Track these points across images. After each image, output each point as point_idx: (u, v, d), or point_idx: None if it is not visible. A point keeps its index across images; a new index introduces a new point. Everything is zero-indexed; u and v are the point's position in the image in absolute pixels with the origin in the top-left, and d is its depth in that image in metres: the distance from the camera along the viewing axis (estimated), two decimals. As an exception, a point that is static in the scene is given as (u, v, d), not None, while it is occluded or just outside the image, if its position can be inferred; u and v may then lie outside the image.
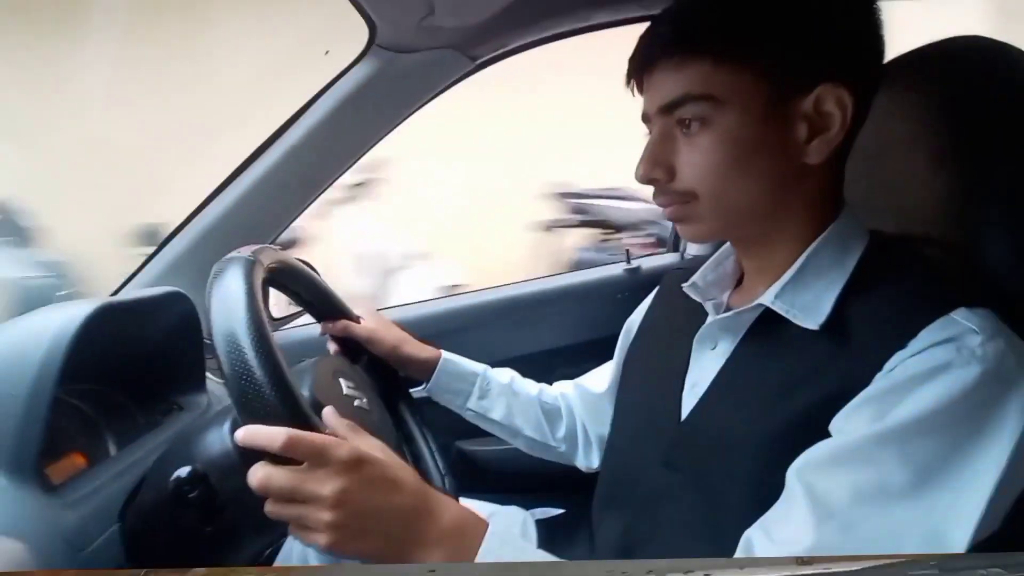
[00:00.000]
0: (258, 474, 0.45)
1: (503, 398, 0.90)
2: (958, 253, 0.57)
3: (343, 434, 0.49)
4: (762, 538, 0.48)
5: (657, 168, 0.57)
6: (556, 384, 0.97)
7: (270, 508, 0.47)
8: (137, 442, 0.73)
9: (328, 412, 0.51)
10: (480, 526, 0.51)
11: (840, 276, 0.54)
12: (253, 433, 0.45)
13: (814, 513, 0.45)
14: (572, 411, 0.94)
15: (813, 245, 0.56)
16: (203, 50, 3.40)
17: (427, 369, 0.88)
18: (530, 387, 0.94)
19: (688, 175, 0.56)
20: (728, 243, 0.69)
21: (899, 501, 0.44)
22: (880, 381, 0.47)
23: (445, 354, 0.90)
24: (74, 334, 0.58)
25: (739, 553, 0.49)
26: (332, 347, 0.85)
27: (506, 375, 0.93)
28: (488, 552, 0.48)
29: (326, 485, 0.45)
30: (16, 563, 0.44)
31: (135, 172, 3.31)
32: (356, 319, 0.84)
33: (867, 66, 0.55)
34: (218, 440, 0.58)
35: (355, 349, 0.85)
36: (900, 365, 0.47)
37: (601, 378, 0.91)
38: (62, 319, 0.59)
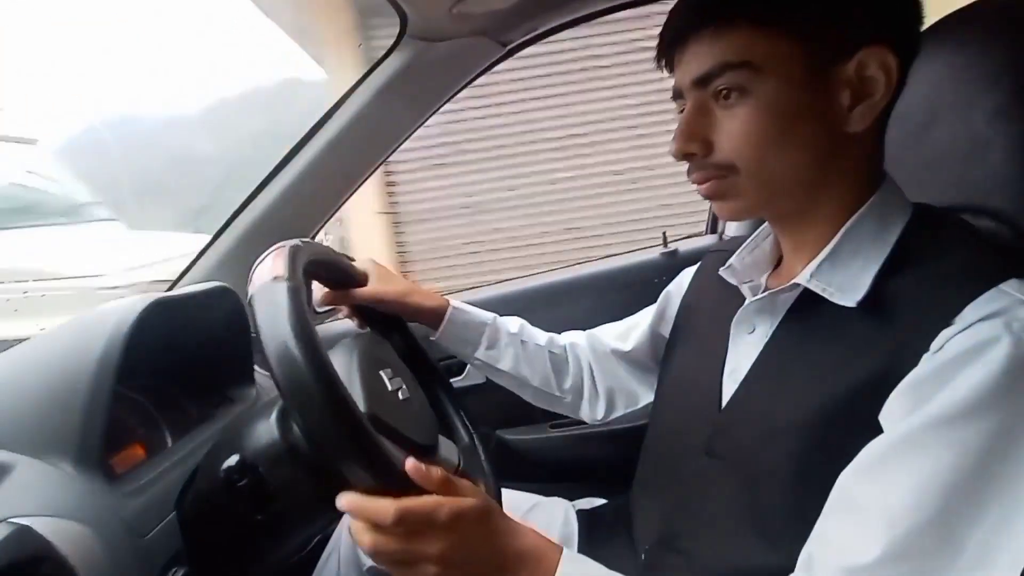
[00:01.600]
0: (366, 540, 0.48)
1: (511, 348, 0.90)
2: (1014, 224, 0.53)
3: (436, 486, 0.50)
4: (823, 551, 0.46)
5: (693, 142, 0.55)
6: (565, 334, 0.97)
7: (378, 562, 0.50)
8: (191, 433, 0.75)
9: (414, 468, 0.49)
10: (555, 553, 0.52)
11: (880, 252, 0.52)
12: (361, 507, 0.48)
13: (876, 518, 0.43)
14: (579, 362, 0.93)
15: (851, 220, 0.54)
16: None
17: (436, 318, 0.88)
18: (539, 336, 0.93)
19: (727, 147, 0.54)
20: (766, 223, 0.66)
21: (963, 494, 0.41)
22: (926, 363, 0.45)
23: (454, 302, 0.89)
24: (129, 329, 0.61)
25: (799, 569, 0.48)
26: (342, 315, 0.86)
27: (515, 324, 0.93)
28: (565, 575, 0.50)
29: (432, 545, 0.47)
30: (82, 547, 0.46)
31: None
32: (361, 278, 0.83)
33: (909, 27, 0.53)
34: (266, 431, 0.60)
35: (371, 315, 0.85)
36: (947, 344, 0.44)
37: (624, 335, 0.90)
38: (118, 315, 0.62)
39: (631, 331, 0.91)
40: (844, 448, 0.47)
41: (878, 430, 0.46)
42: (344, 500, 0.48)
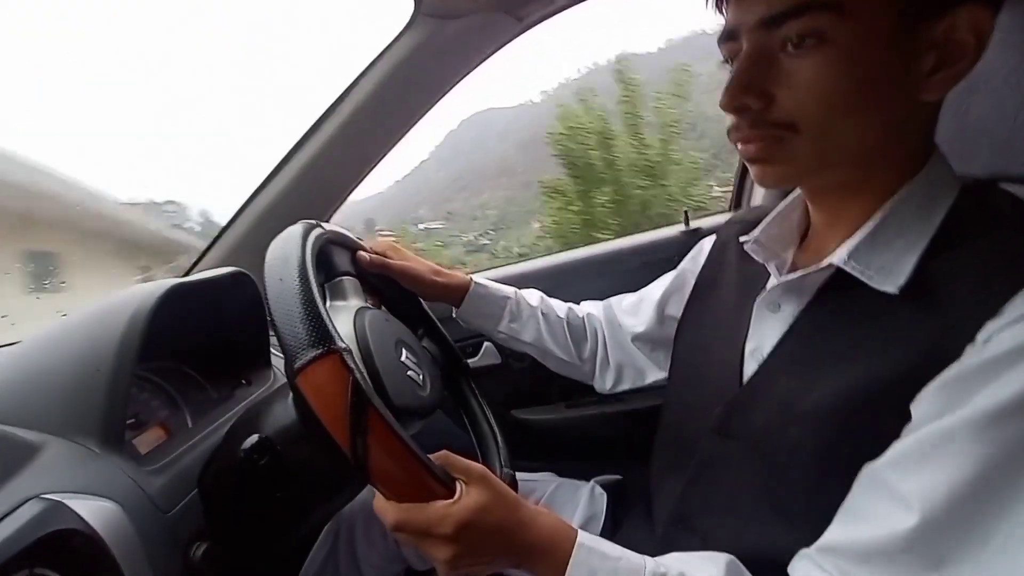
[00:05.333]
0: (388, 519, 0.50)
1: (533, 320, 0.92)
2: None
3: (442, 466, 0.52)
4: (847, 535, 0.45)
5: (750, 94, 0.49)
6: (584, 304, 0.98)
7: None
8: (211, 415, 0.77)
9: (443, 456, 0.53)
10: (567, 537, 0.52)
11: (924, 233, 0.48)
12: (376, 506, 0.51)
13: (911, 509, 0.41)
14: (596, 332, 0.94)
15: (895, 197, 0.50)
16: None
17: (458, 294, 0.89)
18: (558, 308, 0.95)
19: (790, 102, 0.48)
20: (796, 193, 0.63)
21: (998, 489, 0.38)
22: (971, 356, 0.41)
23: (475, 278, 0.91)
24: (148, 313, 0.62)
25: (818, 552, 0.46)
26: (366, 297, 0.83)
27: (535, 297, 0.94)
28: (578, 563, 0.50)
29: (439, 551, 0.49)
30: (112, 523, 0.48)
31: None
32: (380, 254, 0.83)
33: None
34: (284, 412, 0.61)
35: (383, 287, 0.85)
36: (995, 337, 0.40)
37: (635, 310, 0.90)
38: (138, 300, 0.63)
39: (640, 307, 0.90)
40: (870, 434, 0.45)
41: (908, 418, 0.44)
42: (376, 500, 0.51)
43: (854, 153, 0.49)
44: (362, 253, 0.81)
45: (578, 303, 1.00)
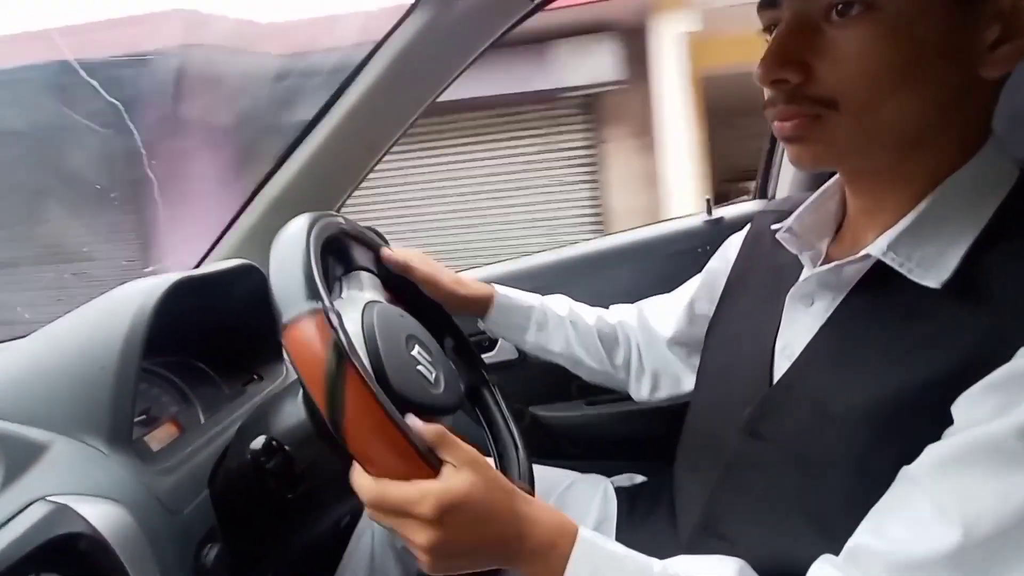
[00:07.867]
0: (366, 503, 0.47)
1: (561, 330, 0.88)
2: None
3: (431, 444, 0.47)
4: (879, 543, 0.42)
5: (789, 66, 0.45)
6: (613, 308, 0.95)
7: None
8: (223, 410, 0.76)
9: (413, 422, 0.47)
10: (569, 535, 0.48)
11: (974, 224, 0.44)
12: (353, 479, 0.47)
13: (951, 518, 0.38)
14: (629, 339, 0.91)
15: (943, 185, 0.47)
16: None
17: (482, 306, 0.86)
18: (587, 315, 0.91)
19: (832, 77, 0.44)
20: (833, 180, 0.59)
21: None
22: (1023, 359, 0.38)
23: (499, 288, 0.88)
24: (153, 308, 0.60)
25: (845, 559, 0.43)
26: (385, 295, 0.79)
27: (563, 306, 0.91)
28: (579, 559, 0.47)
29: (417, 534, 0.45)
30: (118, 526, 0.46)
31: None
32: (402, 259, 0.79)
33: None
34: (293, 412, 0.59)
35: (406, 293, 0.82)
36: None
37: (667, 314, 0.87)
38: (142, 294, 0.62)
39: (671, 309, 0.87)
40: (913, 441, 0.43)
41: (950, 420, 0.41)
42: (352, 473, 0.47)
43: (900, 134, 0.46)
44: (386, 250, 0.77)
45: (597, 294, 0.97)
